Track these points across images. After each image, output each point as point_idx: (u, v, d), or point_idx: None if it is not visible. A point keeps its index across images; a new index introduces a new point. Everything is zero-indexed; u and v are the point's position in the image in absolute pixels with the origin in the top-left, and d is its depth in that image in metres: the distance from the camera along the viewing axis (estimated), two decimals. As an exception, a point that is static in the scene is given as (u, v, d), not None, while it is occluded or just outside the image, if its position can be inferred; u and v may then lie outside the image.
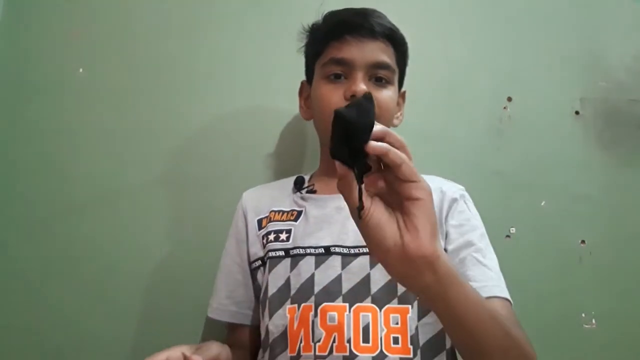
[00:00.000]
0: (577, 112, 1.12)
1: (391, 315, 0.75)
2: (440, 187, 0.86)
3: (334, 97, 0.82)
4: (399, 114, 0.93)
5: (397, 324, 0.74)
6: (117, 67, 1.09)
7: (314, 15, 0.89)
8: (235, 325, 0.89)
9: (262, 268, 0.85)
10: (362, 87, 0.80)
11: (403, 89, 0.93)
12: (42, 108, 1.07)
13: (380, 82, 0.84)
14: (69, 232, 1.03)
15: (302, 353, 0.74)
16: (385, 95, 0.84)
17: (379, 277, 0.77)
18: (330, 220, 0.83)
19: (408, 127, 0.95)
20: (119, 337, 1.01)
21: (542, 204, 1.09)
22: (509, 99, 1.12)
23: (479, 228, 0.84)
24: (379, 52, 0.83)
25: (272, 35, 1.10)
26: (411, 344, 0.73)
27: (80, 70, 1.08)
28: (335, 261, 0.78)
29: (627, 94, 1.13)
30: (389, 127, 0.85)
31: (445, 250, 0.80)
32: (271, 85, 1.10)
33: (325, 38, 0.86)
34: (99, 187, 1.05)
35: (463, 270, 0.77)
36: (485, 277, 0.77)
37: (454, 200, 0.84)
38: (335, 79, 0.83)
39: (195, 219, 1.05)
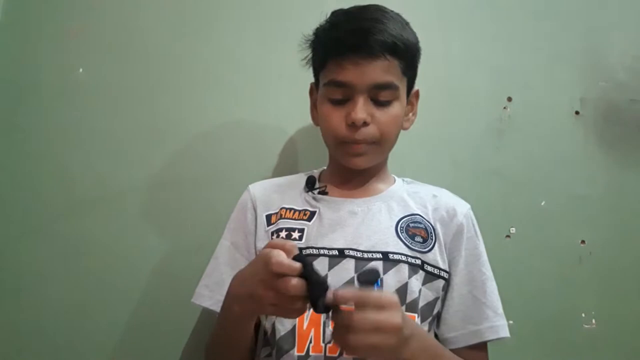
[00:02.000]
0: (577, 112, 1.12)
1: None
2: (453, 206, 0.88)
3: (336, 120, 0.82)
4: (410, 114, 0.90)
5: None
6: (117, 67, 1.09)
7: (315, 16, 0.88)
8: None
9: None
10: (360, 116, 0.79)
11: (416, 88, 0.90)
12: (42, 108, 1.07)
13: (382, 103, 0.82)
14: (69, 232, 1.03)
15: (311, 353, 0.75)
16: (388, 116, 0.82)
17: (391, 282, 0.78)
18: (344, 223, 0.83)
19: (408, 127, 0.95)
20: (119, 337, 1.01)
21: (542, 204, 1.09)
22: (509, 99, 1.12)
23: (482, 255, 0.86)
24: (380, 73, 0.80)
25: (273, 36, 1.10)
26: None
27: (80, 70, 1.08)
28: (349, 264, 0.78)
29: (627, 94, 1.13)
30: (396, 137, 0.87)
31: (449, 273, 0.84)
32: (272, 85, 1.09)
33: (325, 54, 0.83)
34: (99, 187, 1.05)
35: (464, 308, 0.82)
36: (482, 318, 0.82)
37: (462, 226, 0.85)
38: (337, 103, 0.83)
39: (195, 219, 1.05)
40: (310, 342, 0.75)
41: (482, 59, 1.13)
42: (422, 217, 0.85)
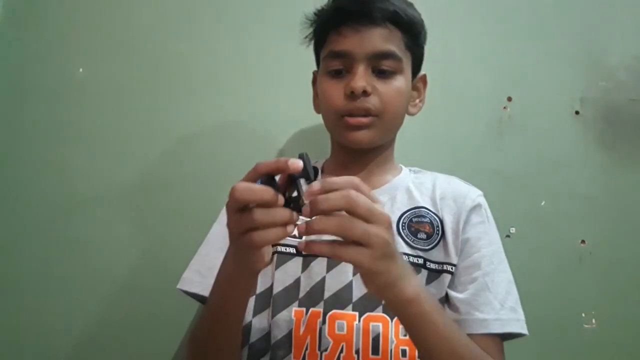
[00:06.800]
0: (577, 112, 1.12)
1: (401, 326, 0.73)
2: (461, 192, 0.84)
3: (335, 93, 0.79)
4: (417, 100, 0.87)
5: (406, 335, 0.72)
6: (117, 67, 1.09)
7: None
8: None
9: None
10: (359, 84, 0.76)
11: (422, 73, 0.88)
12: (42, 108, 1.07)
13: (384, 74, 0.79)
14: (69, 232, 1.03)
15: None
16: (390, 88, 0.79)
17: None
18: None
19: (408, 127, 0.95)
20: (118, 337, 1.01)
21: (542, 204, 1.09)
22: (509, 99, 1.12)
23: (494, 242, 0.81)
24: (380, 41, 0.77)
25: (273, 34, 1.10)
26: (419, 357, 0.71)
27: (80, 70, 1.08)
28: (347, 266, 0.76)
29: (627, 94, 1.13)
30: (401, 116, 0.83)
31: (455, 265, 0.78)
32: (272, 84, 1.09)
33: (324, 28, 0.81)
34: (99, 187, 1.05)
35: (472, 294, 0.75)
36: (490, 308, 0.74)
37: (472, 210, 0.82)
38: (337, 75, 0.80)
39: (195, 219, 1.04)
40: (306, 349, 0.73)
41: (482, 59, 1.13)
42: (427, 209, 0.82)
